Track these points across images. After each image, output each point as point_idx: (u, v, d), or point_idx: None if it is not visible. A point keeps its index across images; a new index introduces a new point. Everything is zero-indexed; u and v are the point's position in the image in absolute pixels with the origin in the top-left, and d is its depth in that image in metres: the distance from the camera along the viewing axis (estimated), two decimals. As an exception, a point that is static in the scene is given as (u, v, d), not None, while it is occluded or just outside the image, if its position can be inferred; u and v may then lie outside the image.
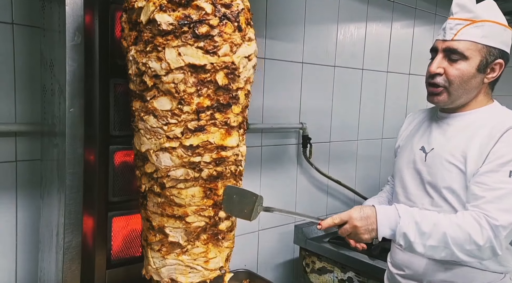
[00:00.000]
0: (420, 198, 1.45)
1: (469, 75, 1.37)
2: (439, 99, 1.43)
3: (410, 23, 2.89)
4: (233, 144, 1.30)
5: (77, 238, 1.33)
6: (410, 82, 2.99)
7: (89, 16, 1.30)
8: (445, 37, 1.40)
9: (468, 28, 1.36)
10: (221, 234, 1.40)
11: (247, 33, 1.25)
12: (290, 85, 2.29)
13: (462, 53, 1.36)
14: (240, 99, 1.28)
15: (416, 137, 1.55)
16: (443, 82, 1.40)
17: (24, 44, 1.45)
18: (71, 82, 1.24)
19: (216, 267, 1.43)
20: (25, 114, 1.48)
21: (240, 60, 1.23)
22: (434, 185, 1.42)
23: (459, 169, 1.36)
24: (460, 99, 1.42)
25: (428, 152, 1.46)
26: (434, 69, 1.41)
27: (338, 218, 1.33)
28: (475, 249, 1.25)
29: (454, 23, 1.38)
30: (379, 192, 1.77)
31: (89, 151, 1.37)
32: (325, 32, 2.41)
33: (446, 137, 1.44)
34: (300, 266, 2.30)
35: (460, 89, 1.39)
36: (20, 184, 1.50)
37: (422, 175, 1.46)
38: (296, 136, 2.38)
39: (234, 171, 1.34)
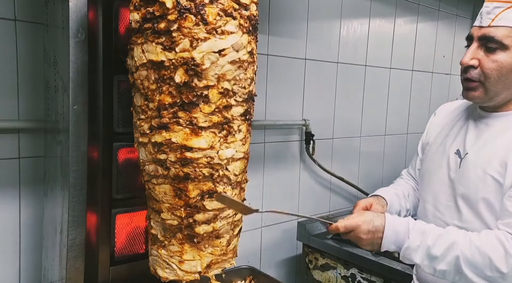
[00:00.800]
0: (450, 212, 1.30)
1: (509, 68, 1.18)
2: (474, 95, 1.24)
3: (414, 19, 2.88)
4: (203, 146, 1.20)
5: (81, 235, 1.33)
6: (413, 78, 2.98)
7: (92, 12, 1.29)
8: (482, 23, 1.20)
9: (508, 11, 1.16)
10: (197, 237, 1.30)
11: (220, 26, 1.15)
12: (293, 81, 2.28)
13: (500, 42, 1.16)
14: (212, 98, 1.18)
15: (450, 137, 1.37)
16: (478, 76, 1.21)
17: (27, 41, 1.45)
18: (75, 79, 1.24)
19: (192, 270, 1.34)
20: (28, 111, 1.48)
21: (204, 56, 1.14)
22: (466, 198, 1.25)
23: (495, 180, 1.19)
24: (500, 96, 1.23)
25: (463, 158, 1.28)
26: (466, 60, 1.22)
27: (344, 227, 1.22)
28: (498, 276, 1.10)
29: (492, 6, 1.18)
30: (394, 184, 1.60)
31: (92, 148, 1.36)
32: (328, 28, 2.40)
33: (482, 140, 1.27)
34: (303, 262, 2.30)
35: (498, 84, 1.20)
36: (23, 181, 1.50)
37: (454, 185, 1.29)
38: (299, 132, 2.37)
39: (209, 174, 1.24)
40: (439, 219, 1.32)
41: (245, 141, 1.30)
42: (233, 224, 1.37)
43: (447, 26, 3.08)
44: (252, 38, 1.23)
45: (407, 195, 1.52)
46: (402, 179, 1.62)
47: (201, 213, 1.27)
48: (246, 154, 1.33)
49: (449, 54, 3.16)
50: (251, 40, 1.22)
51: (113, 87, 1.37)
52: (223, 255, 1.37)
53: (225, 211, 1.31)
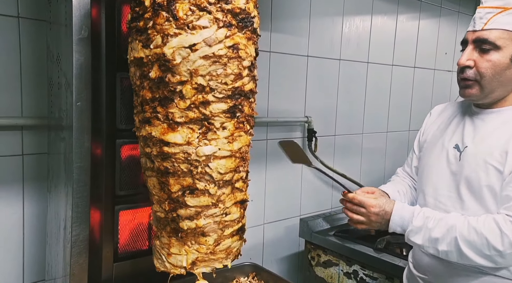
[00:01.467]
0: (452, 202, 1.38)
1: (502, 67, 1.28)
2: (471, 92, 1.33)
3: (416, 16, 2.87)
4: (178, 141, 1.21)
5: (84, 231, 1.34)
6: (416, 75, 2.97)
7: (95, 9, 1.29)
8: (475, 27, 1.30)
9: (499, 16, 1.26)
10: (181, 232, 1.32)
11: (192, 21, 1.14)
12: (295, 78, 2.28)
13: (493, 43, 1.27)
14: (186, 94, 1.18)
15: (448, 134, 1.46)
16: (474, 76, 1.31)
17: (30, 38, 1.45)
18: (78, 76, 1.24)
19: (178, 265, 1.36)
20: (31, 108, 1.48)
21: (174, 51, 1.15)
22: (468, 187, 1.33)
23: (497, 169, 1.28)
24: (495, 93, 1.32)
25: (462, 151, 1.37)
26: (463, 61, 1.32)
27: (359, 200, 1.39)
28: (495, 254, 1.21)
29: (484, 12, 1.29)
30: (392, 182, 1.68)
31: (95, 144, 1.37)
32: (330, 25, 2.40)
33: (481, 135, 1.35)
34: (306, 259, 2.30)
35: (493, 82, 1.30)
36: (27, 178, 1.51)
37: (456, 177, 1.37)
38: (302, 129, 2.37)
39: (187, 170, 1.24)
40: (440, 209, 1.40)
41: (232, 139, 1.26)
42: (222, 224, 1.33)
43: (449, 23, 3.08)
44: (234, 32, 1.18)
45: (405, 192, 1.62)
46: (398, 177, 1.70)
47: (183, 209, 1.29)
48: (238, 153, 1.29)
49: (451, 51, 3.15)
50: (233, 34, 1.18)
51: (116, 84, 1.37)
52: (211, 254, 1.35)
53: (210, 209, 1.29)
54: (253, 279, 1.72)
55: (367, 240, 2.10)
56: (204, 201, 1.28)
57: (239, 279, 1.71)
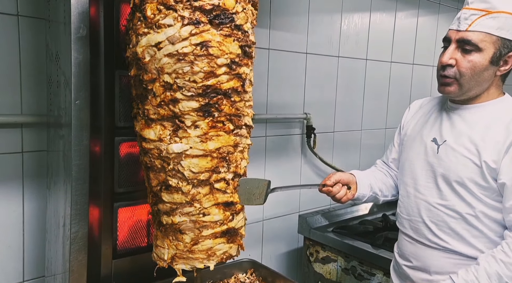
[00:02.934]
0: (430, 190, 1.46)
1: (482, 68, 1.34)
2: (450, 90, 1.39)
3: (414, 13, 2.87)
4: (152, 137, 1.25)
5: (83, 228, 1.35)
6: (414, 72, 2.98)
7: (94, 8, 1.30)
8: (459, 27, 1.35)
9: (483, 19, 1.31)
10: (162, 226, 1.36)
11: (158, 20, 1.16)
12: (294, 75, 2.28)
13: (476, 45, 1.32)
14: (156, 91, 1.21)
15: (426, 128, 1.53)
16: (454, 74, 1.37)
17: (29, 36, 1.45)
18: (77, 74, 1.25)
19: (161, 257, 1.38)
20: (31, 106, 1.48)
21: (144, 50, 1.18)
22: (446, 178, 1.41)
23: (474, 163, 1.35)
24: (472, 91, 1.39)
25: (441, 144, 1.44)
26: (446, 60, 1.37)
27: None
28: None
29: (469, 13, 1.33)
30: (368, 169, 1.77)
31: (94, 142, 1.38)
32: (329, 22, 2.40)
33: (458, 130, 1.42)
34: (304, 255, 2.32)
35: (471, 81, 1.36)
36: (26, 175, 1.51)
37: (434, 168, 1.45)
38: (300, 126, 2.38)
39: (161, 166, 1.27)
40: (419, 199, 1.49)
41: (206, 139, 1.25)
42: (199, 224, 1.32)
43: (447, 20, 3.07)
44: (204, 29, 1.17)
45: (379, 176, 1.70)
46: (376, 166, 1.79)
47: (162, 203, 1.33)
48: (216, 153, 1.27)
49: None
50: (201, 32, 1.17)
51: (115, 82, 1.38)
52: (189, 252, 1.35)
53: (185, 207, 1.30)
54: (251, 275, 1.74)
55: (365, 237, 2.12)
56: (177, 198, 1.29)
57: (237, 276, 1.72)
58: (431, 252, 1.45)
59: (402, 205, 1.57)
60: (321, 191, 1.54)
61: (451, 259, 1.42)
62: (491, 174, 1.33)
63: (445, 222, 1.42)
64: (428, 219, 1.45)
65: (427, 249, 1.46)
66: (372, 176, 1.67)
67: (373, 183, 1.65)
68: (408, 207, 1.53)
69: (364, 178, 1.63)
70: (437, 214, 1.43)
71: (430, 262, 1.45)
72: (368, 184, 1.63)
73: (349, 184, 1.57)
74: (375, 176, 1.69)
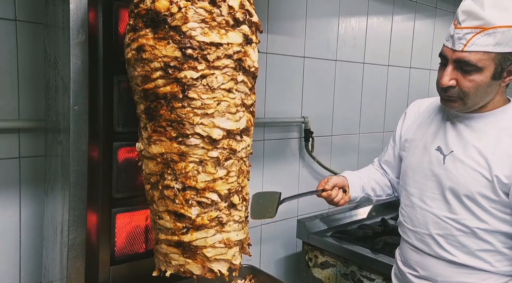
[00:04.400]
0: (437, 203, 1.41)
1: (485, 85, 1.28)
2: (454, 105, 1.36)
3: (411, 17, 2.88)
4: None
5: (81, 235, 1.34)
6: (411, 75, 2.99)
7: (93, 13, 1.29)
8: (454, 47, 1.28)
9: (478, 37, 1.24)
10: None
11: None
12: (292, 79, 2.28)
13: (475, 65, 1.26)
14: None
15: (429, 134, 1.48)
16: (458, 94, 1.32)
17: (27, 41, 1.44)
18: (75, 80, 1.24)
19: None
20: (28, 111, 1.47)
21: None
22: (455, 192, 1.36)
23: (484, 177, 1.31)
24: (478, 105, 1.35)
25: (447, 155, 1.39)
26: (446, 82, 1.31)
27: None
28: None
29: (463, 33, 1.26)
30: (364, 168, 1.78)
31: (92, 147, 1.37)
32: (327, 26, 2.40)
33: (464, 140, 1.37)
34: (303, 260, 2.31)
35: (476, 98, 1.31)
36: (24, 181, 1.50)
37: (441, 179, 1.40)
38: (298, 130, 2.38)
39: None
40: (426, 211, 1.44)
41: (149, 142, 1.25)
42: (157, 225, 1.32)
43: (444, 23, 3.08)
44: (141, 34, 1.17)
45: (372, 176, 1.69)
46: (373, 165, 1.79)
47: None
48: (160, 158, 1.25)
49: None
50: (137, 37, 1.18)
51: (113, 87, 1.37)
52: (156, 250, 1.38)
53: (150, 206, 1.35)
54: (250, 281, 1.73)
55: (364, 241, 2.11)
56: (147, 196, 1.36)
57: (236, 281, 1.71)
58: (438, 263, 1.41)
59: (406, 215, 1.52)
60: (321, 196, 1.53)
61: (459, 270, 1.39)
62: (503, 189, 1.29)
63: (454, 236, 1.38)
64: (436, 232, 1.41)
65: (434, 260, 1.42)
66: (365, 176, 1.66)
67: (365, 184, 1.63)
68: (414, 218, 1.48)
69: (356, 180, 1.62)
70: (445, 227, 1.39)
71: (438, 272, 1.42)
72: (360, 185, 1.62)
73: (344, 187, 1.57)
74: (369, 175, 1.67)
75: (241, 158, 1.31)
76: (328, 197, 1.53)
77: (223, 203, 1.28)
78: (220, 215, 1.29)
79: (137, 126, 1.33)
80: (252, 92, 1.32)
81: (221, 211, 1.29)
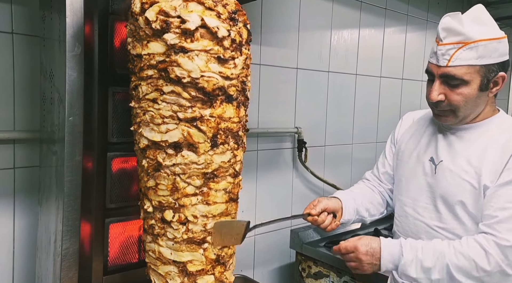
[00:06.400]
0: (429, 212, 1.43)
1: (473, 97, 1.32)
2: (446, 119, 1.40)
3: (403, 29, 2.93)
4: None
5: (74, 245, 1.34)
6: (403, 86, 3.02)
7: (89, 26, 1.31)
8: (439, 62, 1.32)
9: (461, 51, 1.28)
10: None
11: None
12: (285, 90, 2.31)
13: (461, 78, 1.30)
14: None
15: (422, 145, 1.50)
16: (448, 107, 1.36)
17: (23, 53, 1.46)
18: (71, 91, 1.26)
19: None
20: (24, 122, 1.48)
21: None
22: (445, 200, 1.39)
23: (472, 185, 1.34)
24: (469, 117, 1.39)
25: (438, 165, 1.42)
26: (434, 97, 1.35)
27: (345, 248, 1.39)
28: (484, 275, 1.26)
29: (445, 49, 1.31)
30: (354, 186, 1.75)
31: (87, 158, 1.38)
32: (319, 38, 2.44)
33: (455, 150, 1.40)
34: (297, 270, 2.31)
35: (467, 110, 1.35)
36: (18, 191, 1.51)
37: (433, 189, 1.43)
38: (292, 140, 2.40)
39: None
40: (418, 221, 1.46)
41: None
42: None
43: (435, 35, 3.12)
44: None
45: (367, 195, 1.66)
46: (364, 182, 1.75)
47: None
48: None
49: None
50: None
51: (108, 98, 1.38)
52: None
53: None
54: (243, 291, 1.73)
55: (356, 251, 2.12)
56: None
57: (229, 291, 1.71)
58: None
59: (399, 225, 1.54)
60: (306, 220, 1.51)
61: None
62: None
63: None
64: None
65: None
66: (359, 197, 1.63)
67: (359, 206, 1.61)
68: (407, 228, 1.50)
69: (350, 202, 1.59)
70: (435, 236, 1.40)
71: None
72: (354, 208, 1.59)
73: (335, 212, 1.53)
74: (363, 195, 1.65)
75: (174, 173, 1.23)
76: (314, 223, 1.50)
77: (156, 214, 1.29)
78: (154, 225, 1.30)
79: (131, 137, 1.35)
80: (204, 106, 1.19)
81: (156, 222, 1.30)
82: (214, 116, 1.20)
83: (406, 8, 2.90)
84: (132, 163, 1.46)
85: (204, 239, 1.29)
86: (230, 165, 1.28)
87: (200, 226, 1.27)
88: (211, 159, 1.23)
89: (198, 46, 1.15)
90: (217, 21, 1.17)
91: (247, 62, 1.27)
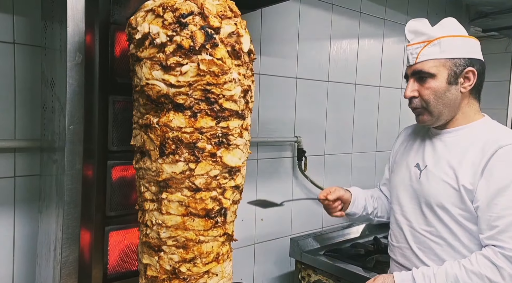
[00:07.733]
0: (416, 216, 1.48)
1: (442, 90, 1.40)
2: (424, 118, 1.47)
3: (401, 40, 2.95)
4: None
5: (74, 253, 1.34)
6: (402, 96, 3.03)
7: (89, 36, 1.33)
8: (410, 62, 1.45)
9: (426, 49, 1.40)
10: None
11: None
12: (284, 99, 2.33)
13: (428, 72, 1.40)
14: None
15: (411, 154, 1.57)
16: (421, 104, 1.44)
17: (25, 63, 1.48)
18: (71, 100, 1.27)
19: None
20: (24, 130, 1.50)
21: None
22: (428, 204, 1.44)
23: (452, 187, 1.38)
24: (444, 115, 1.44)
25: (422, 170, 1.48)
26: (408, 93, 1.46)
27: None
28: None
29: (413, 48, 1.44)
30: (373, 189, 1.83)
31: (87, 166, 1.39)
32: (318, 48, 2.46)
33: (438, 154, 1.46)
34: (296, 279, 2.31)
35: (438, 105, 1.42)
36: (19, 199, 1.52)
37: (417, 193, 1.48)
38: (291, 149, 2.41)
39: None
40: (407, 226, 1.50)
41: None
42: None
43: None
44: None
45: (376, 197, 1.76)
46: (377, 188, 1.84)
47: None
48: None
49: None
50: None
51: (109, 107, 1.40)
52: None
53: None
54: (242, 299, 1.73)
55: (356, 260, 2.12)
56: None
57: (229, 300, 1.71)
58: None
59: (392, 233, 1.58)
60: (321, 201, 1.63)
61: None
62: (469, 196, 1.35)
63: (431, 249, 1.43)
64: (416, 246, 1.46)
65: None
66: (369, 196, 1.72)
67: (368, 204, 1.69)
68: (397, 234, 1.53)
69: (361, 197, 1.69)
70: (423, 241, 1.44)
71: None
72: (363, 204, 1.68)
73: (346, 203, 1.64)
74: (374, 196, 1.74)
75: (139, 177, 1.29)
76: (328, 206, 1.62)
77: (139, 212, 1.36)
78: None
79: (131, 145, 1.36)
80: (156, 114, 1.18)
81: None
82: (160, 125, 1.18)
83: (405, 18, 2.93)
84: (132, 171, 1.47)
85: (160, 247, 1.26)
86: (185, 177, 1.20)
87: (155, 233, 1.25)
88: (162, 167, 1.20)
89: (145, 54, 1.16)
90: (159, 27, 1.13)
91: (212, 69, 1.15)
